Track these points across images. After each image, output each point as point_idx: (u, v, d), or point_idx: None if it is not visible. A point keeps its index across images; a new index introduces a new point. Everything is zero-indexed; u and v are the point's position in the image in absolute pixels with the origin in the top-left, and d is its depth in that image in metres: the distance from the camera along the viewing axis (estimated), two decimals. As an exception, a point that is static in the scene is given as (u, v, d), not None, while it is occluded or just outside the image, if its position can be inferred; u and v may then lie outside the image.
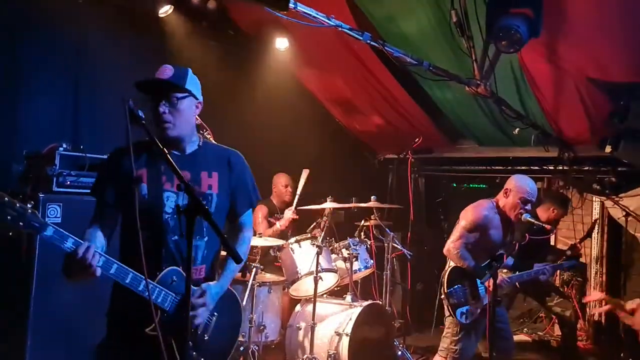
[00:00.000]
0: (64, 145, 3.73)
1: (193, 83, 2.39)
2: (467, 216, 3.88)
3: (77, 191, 3.73)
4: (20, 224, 1.90)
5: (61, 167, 3.69)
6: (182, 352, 2.05)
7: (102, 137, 4.41)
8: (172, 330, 2.13)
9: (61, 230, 2.01)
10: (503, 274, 4.36)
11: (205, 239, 2.35)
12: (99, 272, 2.02)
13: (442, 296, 3.86)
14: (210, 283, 2.34)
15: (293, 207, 5.36)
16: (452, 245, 3.85)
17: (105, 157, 3.92)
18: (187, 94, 2.33)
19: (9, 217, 1.88)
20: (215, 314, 2.39)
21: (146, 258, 2.00)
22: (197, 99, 2.40)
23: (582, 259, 6.64)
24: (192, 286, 2.03)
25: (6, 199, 1.87)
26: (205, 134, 4.23)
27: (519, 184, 3.82)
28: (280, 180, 5.76)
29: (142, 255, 1.98)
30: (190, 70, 2.41)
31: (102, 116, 4.52)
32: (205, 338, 2.34)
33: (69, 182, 3.68)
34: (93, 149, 4.01)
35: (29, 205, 1.93)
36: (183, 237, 2.19)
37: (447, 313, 3.92)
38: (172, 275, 2.22)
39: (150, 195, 2.24)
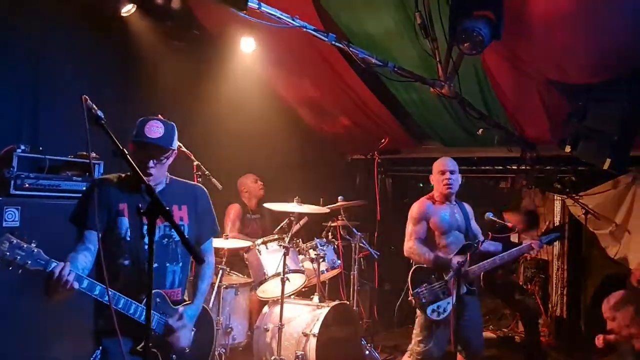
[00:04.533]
0: (22, 147, 3.63)
1: (176, 137, 2.67)
2: (411, 214, 4.11)
3: (36, 194, 3.63)
4: (28, 262, 2.12)
5: (19, 169, 3.59)
6: None
7: (63, 139, 4.29)
8: (158, 345, 2.52)
9: (60, 263, 2.21)
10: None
11: (180, 264, 2.69)
12: (76, 285, 2.23)
13: (410, 298, 3.90)
14: (186, 306, 2.69)
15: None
16: (408, 245, 4.02)
17: (66, 158, 3.91)
18: (171, 152, 2.63)
19: (18, 257, 2.10)
20: (194, 329, 2.73)
21: (132, 283, 2.44)
22: (175, 150, 2.67)
23: (545, 257, 6.82)
24: (172, 307, 2.60)
25: (14, 240, 2.10)
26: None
27: (434, 167, 4.17)
28: (248, 179, 5.74)
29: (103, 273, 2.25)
30: (174, 126, 2.68)
31: (63, 117, 4.39)
32: (187, 351, 2.66)
33: (27, 185, 3.59)
34: (53, 150, 3.91)
35: (33, 245, 2.15)
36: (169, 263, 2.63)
37: (417, 313, 3.96)
38: (156, 298, 2.56)
39: (131, 228, 2.53)
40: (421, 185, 8.17)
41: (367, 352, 4.97)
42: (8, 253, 2.08)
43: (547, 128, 5.39)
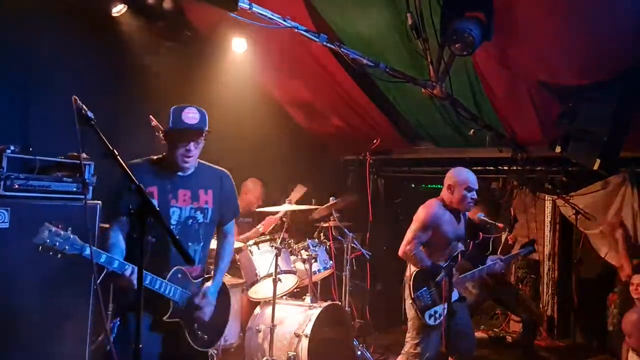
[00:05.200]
0: (12, 147, 3.60)
1: (207, 120, 2.88)
2: (419, 217, 3.94)
3: (26, 195, 3.59)
4: (66, 247, 2.35)
5: (9, 170, 3.54)
6: (191, 331, 2.84)
7: (54, 139, 4.25)
8: (181, 315, 2.80)
9: (98, 249, 2.48)
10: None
11: (202, 244, 2.93)
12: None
13: (410, 301, 3.88)
14: (208, 284, 2.96)
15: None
16: (408, 247, 3.88)
17: (57, 159, 3.88)
18: (206, 134, 2.84)
19: (57, 243, 2.33)
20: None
21: (156, 259, 2.62)
22: (208, 131, 2.87)
23: (536, 257, 6.86)
24: (193, 282, 2.86)
25: (52, 229, 2.31)
26: (161, 135, 4.15)
27: (460, 177, 3.96)
28: (256, 189, 5.68)
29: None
30: (205, 111, 2.88)
31: (54, 117, 4.35)
32: (204, 319, 2.90)
33: (17, 186, 3.55)
34: (44, 151, 3.88)
35: (69, 231, 2.37)
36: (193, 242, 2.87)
37: (410, 316, 3.94)
38: (177, 274, 2.79)
39: (160, 208, 2.61)
40: (413, 185, 8.20)
41: (359, 352, 4.98)
42: (48, 240, 2.30)
43: (538, 129, 5.43)
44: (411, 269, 3.95)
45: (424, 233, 3.88)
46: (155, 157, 2.89)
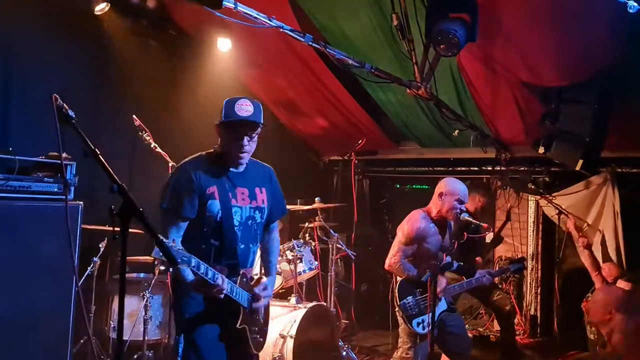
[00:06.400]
0: (-10, 147, 3.53)
1: (262, 113, 2.72)
2: (403, 230, 3.92)
3: (5, 195, 3.53)
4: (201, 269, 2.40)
5: (-13, 170, 3.49)
6: (253, 337, 2.76)
7: (35, 138, 4.19)
8: (247, 321, 2.72)
9: (199, 260, 2.42)
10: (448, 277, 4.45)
11: (257, 244, 2.86)
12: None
13: (396, 309, 3.88)
14: (266, 278, 2.87)
15: None
16: (392, 260, 3.89)
17: (37, 159, 3.82)
18: (261, 127, 2.70)
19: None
20: None
21: (222, 263, 2.60)
22: (263, 124, 2.73)
23: (519, 255, 6.91)
24: (250, 285, 2.74)
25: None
26: (144, 135, 4.12)
27: (452, 188, 3.91)
28: None
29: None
30: (260, 104, 2.73)
31: (34, 116, 4.30)
32: (261, 321, 2.87)
33: (-4, 186, 3.49)
34: (24, 150, 3.81)
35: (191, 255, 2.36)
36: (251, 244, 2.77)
37: (400, 322, 3.94)
38: (243, 278, 2.71)
39: (222, 211, 2.61)
40: (398, 186, 8.22)
41: (344, 353, 4.97)
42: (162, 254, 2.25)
43: (522, 129, 5.48)
44: (397, 278, 3.95)
45: (409, 246, 3.87)
46: (205, 153, 2.76)
